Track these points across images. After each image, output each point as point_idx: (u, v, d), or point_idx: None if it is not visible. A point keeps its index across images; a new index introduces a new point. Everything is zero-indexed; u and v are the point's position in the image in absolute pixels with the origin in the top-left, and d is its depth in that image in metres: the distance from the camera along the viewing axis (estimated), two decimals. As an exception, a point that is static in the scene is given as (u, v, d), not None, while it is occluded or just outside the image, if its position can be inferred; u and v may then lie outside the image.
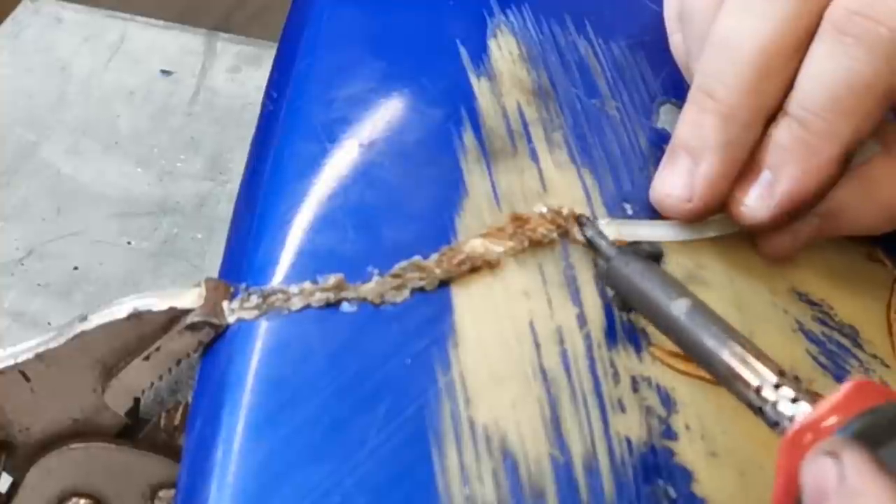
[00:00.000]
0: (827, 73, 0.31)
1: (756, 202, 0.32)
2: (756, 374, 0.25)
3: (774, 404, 0.25)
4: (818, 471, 0.22)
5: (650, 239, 0.32)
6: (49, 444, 0.33)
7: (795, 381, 0.25)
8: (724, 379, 0.26)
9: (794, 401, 0.25)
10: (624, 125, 0.36)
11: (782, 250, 0.33)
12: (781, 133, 0.31)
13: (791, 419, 0.24)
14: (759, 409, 0.25)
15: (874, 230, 0.34)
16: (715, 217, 0.33)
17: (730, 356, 0.26)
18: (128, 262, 0.67)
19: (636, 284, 0.29)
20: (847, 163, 0.31)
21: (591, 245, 0.32)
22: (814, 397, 0.24)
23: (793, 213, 0.32)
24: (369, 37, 0.38)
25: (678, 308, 0.27)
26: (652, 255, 0.30)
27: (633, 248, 0.30)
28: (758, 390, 0.25)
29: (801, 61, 0.31)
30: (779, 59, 0.31)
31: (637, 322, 0.31)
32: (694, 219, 0.33)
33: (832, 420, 0.23)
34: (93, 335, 0.30)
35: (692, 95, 0.33)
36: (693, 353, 0.27)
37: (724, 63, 0.32)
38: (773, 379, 0.25)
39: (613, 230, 0.32)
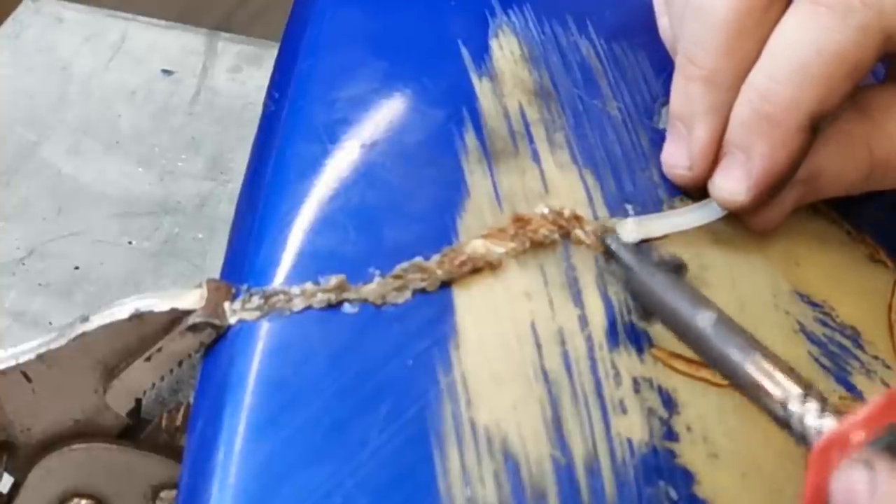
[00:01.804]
0: (797, 39, 0.31)
1: (735, 185, 0.32)
2: (781, 388, 0.25)
3: (801, 417, 0.24)
4: (850, 480, 0.22)
5: (649, 234, 0.33)
6: (50, 445, 0.33)
7: (821, 395, 0.25)
8: (750, 392, 0.26)
9: (820, 414, 0.24)
10: (626, 125, 0.36)
11: (771, 223, 0.34)
12: (743, 109, 0.32)
13: (818, 432, 0.24)
14: (785, 423, 0.25)
15: (855, 190, 0.34)
16: (705, 202, 0.34)
17: (755, 370, 0.26)
18: (129, 261, 0.67)
19: (660, 296, 0.29)
20: (814, 132, 0.31)
21: (612, 256, 0.31)
22: (840, 411, 0.24)
23: (773, 189, 0.32)
24: (371, 37, 0.38)
25: (703, 320, 0.27)
26: (675, 266, 0.30)
27: (656, 260, 0.30)
28: (783, 403, 0.25)
29: (774, 21, 0.32)
30: (750, 18, 0.32)
31: (639, 324, 0.31)
32: (700, 185, 0.34)
33: (863, 434, 0.23)
34: (94, 336, 0.30)
35: (677, 65, 0.34)
36: (718, 366, 0.27)
37: (700, 28, 0.32)
38: (799, 392, 0.25)
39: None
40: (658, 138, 0.36)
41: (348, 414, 0.27)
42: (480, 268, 0.31)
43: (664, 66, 0.38)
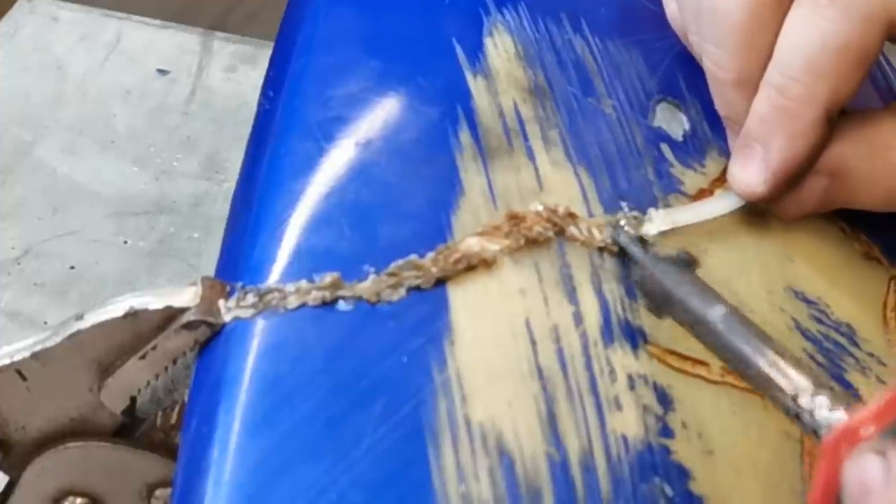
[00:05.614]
0: (802, 35, 0.31)
1: (753, 177, 0.33)
2: (792, 382, 0.25)
3: (812, 412, 0.25)
4: (863, 468, 0.22)
5: (676, 224, 0.33)
6: (45, 443, 0.33)
7: (832, 390, 0.25)
8: (761, 386, 0.26)
9: (830, 408, 0.24)
10: (620, 123, 0.36)
11: (794, 211, 0.34)
12: (761, 104, 0.32)
13: (829, 426, 0.24)
14: (796, 416, 0.25)
15: (893, 201, 0.34)
16: (718, 195, 0.34)
17: (766, 364, 0.26)
18: (124, 261, 0.67)
19: (670, 291, 0.29)
20: (831, 123, 0.32)
21: (623, 251, 0.32)
22: (852, 405, 0.24)
23: (792, 179, 0.33)
24: (365, 36, 0.38)
25: (714, 315, 0.27)
26: (685, 261, 0.30)
27: (667, 255, 0.30)
28: (794, 397, 0.25)
29: (789, 9, 0.32)
30: (766, 10, 0.32)
31: (634, 319, 0.31)
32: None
33: (872, 427, 0.23)
34: (89, 334, 0.30)
35: (708, 72, 0.34)
36: (729, 360, 0.27)
37: (719, 30, 0.33)
38: (810, 387, 0.25)
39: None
40: (652, 136, 0.36)
41: (343, 411, 0.27)
42: (475, 265, 0.31)
43: (659, 64, 0.38)
